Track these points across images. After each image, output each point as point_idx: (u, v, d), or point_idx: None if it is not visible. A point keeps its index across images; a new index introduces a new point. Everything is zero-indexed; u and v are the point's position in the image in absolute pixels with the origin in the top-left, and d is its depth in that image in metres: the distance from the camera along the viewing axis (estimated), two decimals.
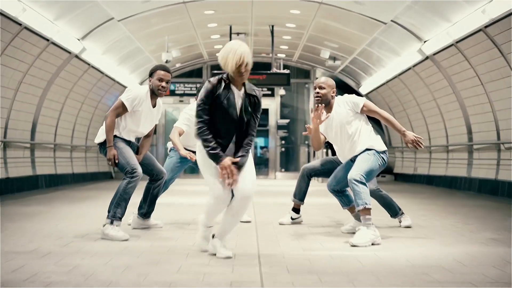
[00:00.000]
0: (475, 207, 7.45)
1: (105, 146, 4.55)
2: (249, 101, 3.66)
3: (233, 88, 3.65)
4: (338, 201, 5.04)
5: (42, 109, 10.37)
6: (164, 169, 5.03)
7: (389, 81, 13.60)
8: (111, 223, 4.39)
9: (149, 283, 2.95)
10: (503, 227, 5.26)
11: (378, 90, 14.80)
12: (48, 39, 9.22)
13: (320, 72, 16.69)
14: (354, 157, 4.65)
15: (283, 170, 17.23)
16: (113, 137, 4.54)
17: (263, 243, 4.28)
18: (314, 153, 15.26)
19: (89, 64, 11.47)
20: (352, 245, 4.13)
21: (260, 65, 15.40)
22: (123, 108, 4.56)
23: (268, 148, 17.44)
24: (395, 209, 5.26)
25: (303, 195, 5.45)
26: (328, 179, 4.95)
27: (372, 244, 4.18)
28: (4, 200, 7.87)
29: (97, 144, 4.69)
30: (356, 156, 4.61)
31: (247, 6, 11.37)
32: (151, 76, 4.68)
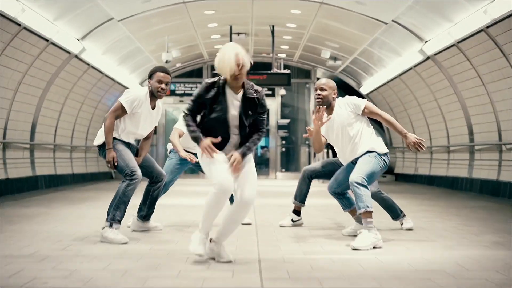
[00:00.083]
0: (477, 208, 7.42)
1: (104, 149, 4.52)
2: (249, 104, 3.63)
3: (228, 91, 3.63)
4: (339, 204, 5.00)
5: (42, 109, 10.34)
6: (163, 171, 4.99)
7: (390, 81, 13.57)
8: (110, 226, 4.35)
9: None
10: (505, 230, 5.22)
11: (379, 90, 14.77)
12: (47, 40, 9.19)
13: (320, 72, 16.65)
14: (355, 159, 4.61)
15: (284, 170, 17.19)
16: (112, 139, 4.51)
17: (263, 247, 4.24)
18: (315, 154, 15.22)
19: (89, 64, 11.44)
20: (354, 249, 4.09)
21: (260, 65, 15.37)
22: (122, 110, 4.53)
23: (268, 148, 17.41)
24: (397, 211, 5.23)
25: (303, 197, 5.42)
26: (329, 182, 4.91)
27: (374, 247, 4.14)
28: (4, 201, 7.84)
29: (96, 146, 4.65)
30: (357, 158, 4.57)
31: (248, 6, 11.33)
32: (150, 77, 4.65)
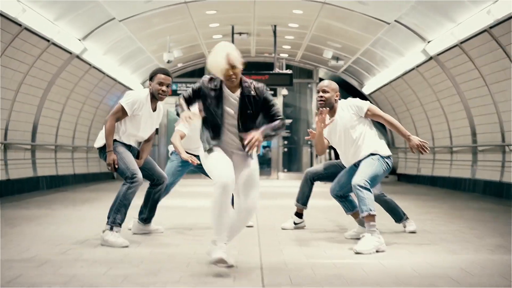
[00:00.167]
0: (480, 210, 7.37)
1: (105, 151, 4.48)
2: (248, 101, 3.58)
3: (225, 90, 3.60)
4: (342, 207, 4.96)
5: (43, 110, 10.32)
6: (165, 174, 4.96)
7: (393, 81, 13.52)
8: (110, 229, 4.32)
9: None
10: (509, 233, 5.17)
11: (382, 90, 14.72)
12: (48, 40, 9.16)
13: (323, 72, 16.60)
14: (358, 162, 4.57)
15: (286, 170, 17.15)
16: (113, 142, 4.47)
17: (265, 251, 4.19)
18: (317, 155, 15.18)
19: (90, 65, 11.41)
20: (356, 252, 4.05)
21: (262, 65, 15.33)
22: (122, 112, 4.49)
23: (270, 148, 17.35)
24: (400, 214, 5.18)
25: (306, 199, 5.37)
26: (331, 184, 4.86)
27: (377, 251, 4.10)
28: (4, 202, 7.81)
29: (97, 148, 4.62)
30: (360, 161, 4.53)
31: (249, 6, 11.29)
32: (151, 79, 4.61)
